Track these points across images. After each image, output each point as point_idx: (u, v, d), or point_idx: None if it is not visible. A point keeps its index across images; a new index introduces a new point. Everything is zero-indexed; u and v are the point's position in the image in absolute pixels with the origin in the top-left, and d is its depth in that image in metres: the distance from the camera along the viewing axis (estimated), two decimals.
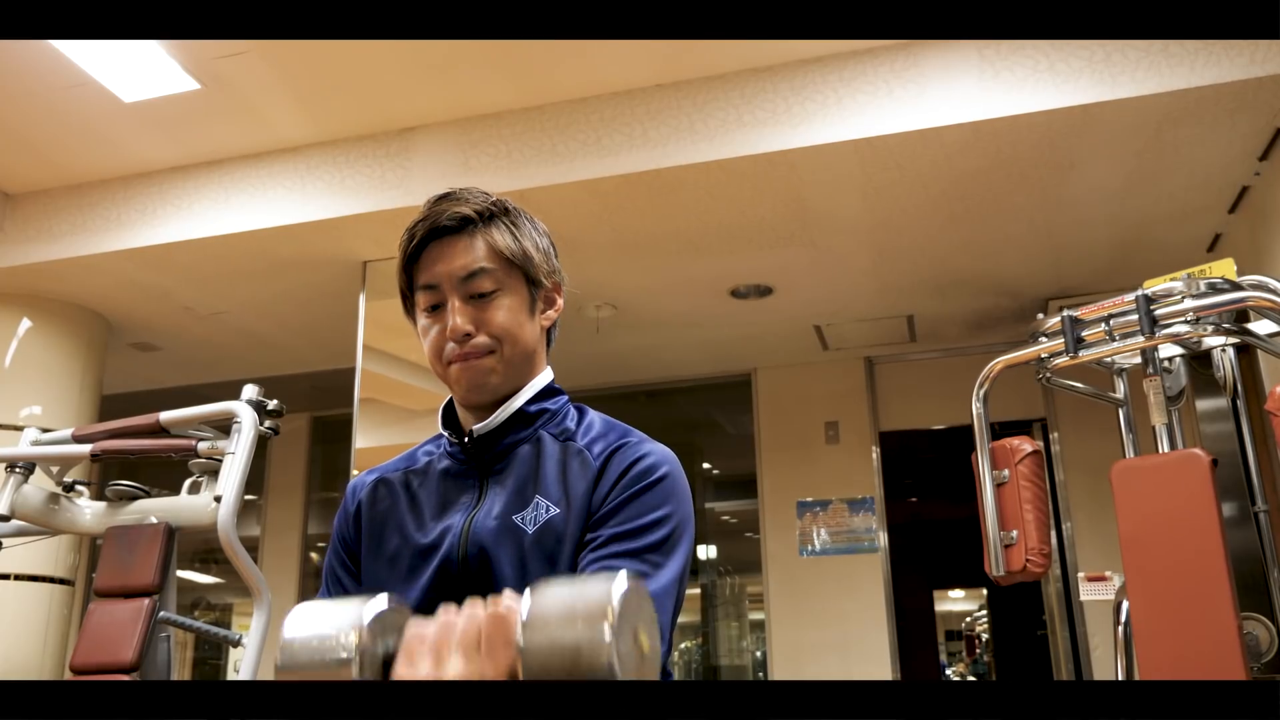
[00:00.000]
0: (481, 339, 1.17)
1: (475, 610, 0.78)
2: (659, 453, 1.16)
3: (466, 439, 1.20)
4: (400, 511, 1.22)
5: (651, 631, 0.79)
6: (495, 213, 1.21)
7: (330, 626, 0.77)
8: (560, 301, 1.27)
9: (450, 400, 1.26)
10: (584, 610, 0.72)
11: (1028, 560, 2.48)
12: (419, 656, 0.78)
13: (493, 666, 0.76)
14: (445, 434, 1.24)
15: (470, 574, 1.12)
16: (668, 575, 1.08)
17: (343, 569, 1.25)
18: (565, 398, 1.27)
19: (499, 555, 1.11)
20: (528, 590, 0.76)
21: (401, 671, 0.78)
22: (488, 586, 1.10)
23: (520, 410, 1.20)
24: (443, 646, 0.78)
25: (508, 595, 0.78)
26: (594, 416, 1.25)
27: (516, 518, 1.14)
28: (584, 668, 0.71)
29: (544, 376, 1.25)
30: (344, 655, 0.75)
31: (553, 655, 0.72)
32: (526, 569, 1.11)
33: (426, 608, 1.12)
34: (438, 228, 1.18)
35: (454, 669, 0.77)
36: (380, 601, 0.79)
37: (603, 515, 1.10)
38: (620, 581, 0.74)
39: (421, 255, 1.19)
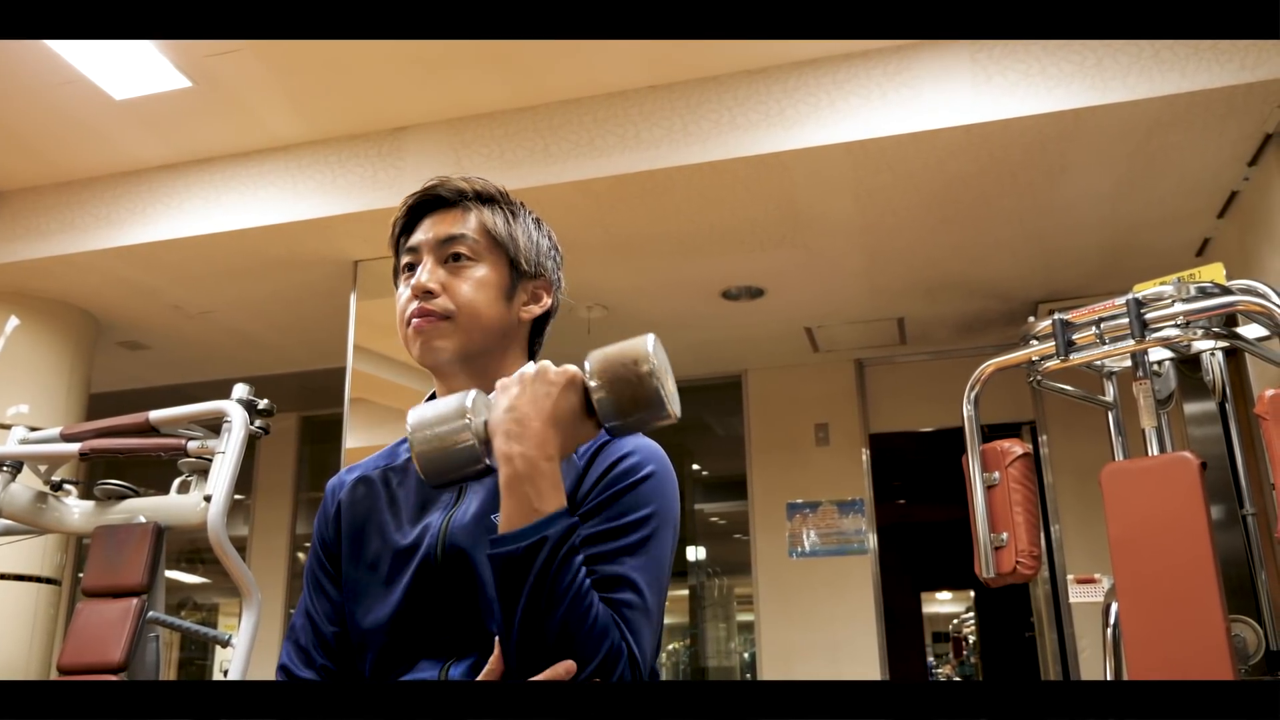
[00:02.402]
0: (443, 302, 1.15)
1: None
2: (644, 450, 1.13)
3: None
4: (380, 512, 1.19)
5: (671, 377, 1.04)
6: (495, 198, 1.21)
7: (445, 409, 1.02)
8: (548, 300, 1.24)
9: (433, 394, 1.23)
10: (632, 350, 1.00)
11: (1018, 562, 2.49)
12: (508, 386, 1.02)
13: (563, 367, 1.02)
14: None
15: (449, 574, 1.10)
16: (648, 576, 1.05)
17: (322, 571, 1.22)
18: None
19: (477, 555, 1.08)
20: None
21: (499, 400, 1.01)
22: (468, 586, 1.09)
23: None
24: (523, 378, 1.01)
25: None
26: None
27: (495, 516, 1.09)
28: (635, 382, 0.98)
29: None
30: (463, 423, 1.00)
31: (613, 376, 0.99)
32: None
33: (407, 609, 1.11)
34: (432, 198, 1.20)
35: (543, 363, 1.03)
36: (475, 392, 1.04)
37: (585, 513, 1.07)
38: (651, 338, 1.01)
39: (414, 226, 1.21)
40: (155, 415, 2.76)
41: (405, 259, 1.20)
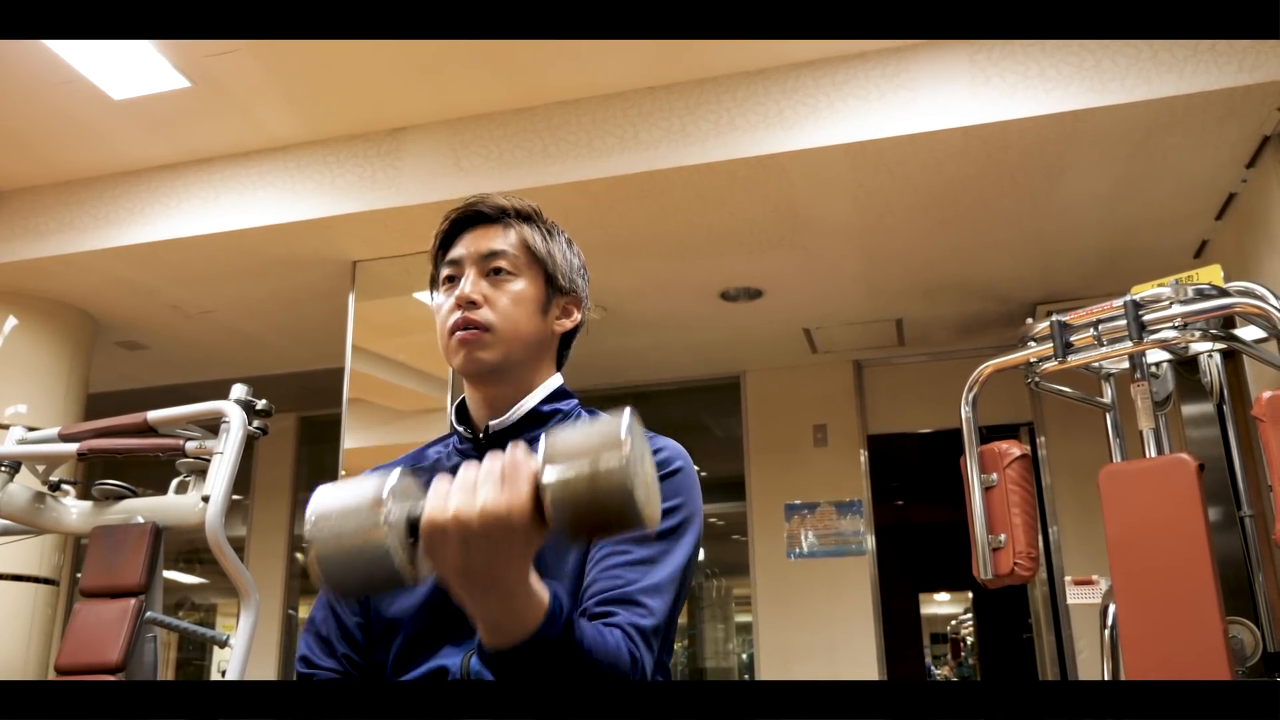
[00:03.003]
0: (485, 313, 1.20)
1: (492, 461, 0.82)
2: (672, 448, 1.20)
3: (481, 435, 1.23)
4: None
5: (652, 465, 0.84)
6: (532, 216, 1.27)
7: (355, 498, 0.79)
8: (577, 315, 1.30)
9: (464, 399, 1.28)
10: (600, 436, 0.77)
11: (1015, 564, 2.49)
12: (447, 495, 0.81)
13: (514, 493, 0.79)
14: (459, 430, 1.26)
15: None
16: (675, 562, 1.10)
17: None
18: (576, 400, 1.30)
19: None
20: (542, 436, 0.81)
21: (433, 506, 0.80)
22: None
23: (534, 410, 1.23)
24: (466, 487, 0.80)
25: (522, 447, 0.82)
26: (605, 417, 1.26)
27: None
28: (602, 487, 0.75)
29: (555, 379, 1.28)
30: (375, 521, 0.77)
31: (573, 476, 0.76)
32: (540, 562, 1.11)
33: (435, 600, 1.13)
34: (473, 214, 1.24)
35: (483, 497, 0.79)
36: (396, 474, 0.81)
37: None
38: (626, 416, 0.78)
39: (454, 241, 1.25)
40: (153, 415, 2.76)
41: (446, 271, 1.25)
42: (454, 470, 1.21)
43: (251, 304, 5.02)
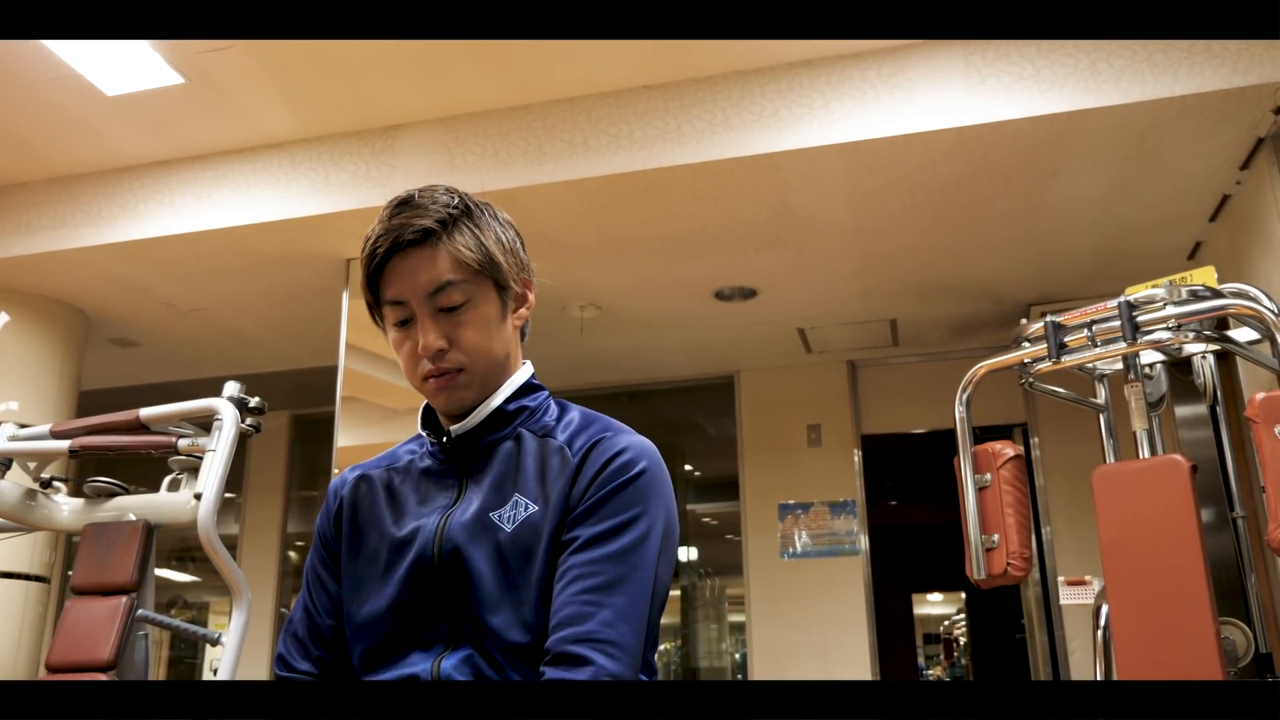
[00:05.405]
0: (454, 356, 1.16)
1: None
2: (637, 446, 1.15)
3: (445, 439, 1.20)
4: (380, 508, 1.22)
5: None
6: (456, 217, 1.18)
7: None
8: (531, 297, 1.26)
9: (425, 409, 1.26)
10: None
11: (1009, 564, 2.50)
12: None
13: None
14: (424, 434, 1.24)
15: (445, 571, 1.12)
16: (648, 573, 1.08)
17: (323, 567, 1.25)
18: (545, 393, 1.26)
19: (472, 553, 1.11)
20: None
21: None
22: (463, 584, 1.11)
23: (498, 409, 1.20)
24: None
25: None
26: (574, 412, 1.24)
27: (494, 515, 1.14)
28: None
29: (522, 373, 1.24)
30: None
31: None
32: (504, 566, 1.10)
33: (403, 603, 1.13)
34: (400, 242, 1.15)
35: None
36: None
37: (580, 513, 1.10)
38: None
39: (385, 269, 1.17)
40: (146, 413, 2.75)
41: (393, 312, 1.18)
42: (425, 472, 1.21)
43: (245, 301, 5.01)
